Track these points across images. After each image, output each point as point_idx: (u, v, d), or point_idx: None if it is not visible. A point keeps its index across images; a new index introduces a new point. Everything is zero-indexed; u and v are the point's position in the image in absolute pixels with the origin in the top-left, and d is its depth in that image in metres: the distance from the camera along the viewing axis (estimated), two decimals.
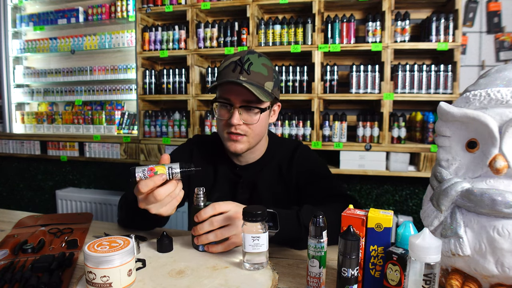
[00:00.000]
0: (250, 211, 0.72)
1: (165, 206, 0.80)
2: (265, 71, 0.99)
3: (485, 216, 0.56)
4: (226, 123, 1.00)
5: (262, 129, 1.05)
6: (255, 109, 0.99)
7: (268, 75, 1.00)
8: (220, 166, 1.13)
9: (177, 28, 2.28)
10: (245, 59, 0.97)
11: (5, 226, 1.10)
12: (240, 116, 0.98)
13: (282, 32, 2.12)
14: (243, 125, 0.99)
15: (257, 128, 1.02)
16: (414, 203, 2.27)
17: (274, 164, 1.14)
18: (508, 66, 0.63)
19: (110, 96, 2.69)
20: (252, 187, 1.12)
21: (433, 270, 0.54)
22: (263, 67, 0.99)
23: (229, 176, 1.13)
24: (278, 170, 1.14)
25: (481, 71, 2.16)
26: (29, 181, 3.02)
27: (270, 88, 1.00)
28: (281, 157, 1.15)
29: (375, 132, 2.02)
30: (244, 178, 1.12)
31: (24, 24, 2.85)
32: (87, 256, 0.63)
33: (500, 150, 0.57)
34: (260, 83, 0.97)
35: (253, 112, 0.99)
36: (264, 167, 1.13)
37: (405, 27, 1.98)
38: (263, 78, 0.98)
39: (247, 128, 1.00)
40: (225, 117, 1.00)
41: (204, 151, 1.16)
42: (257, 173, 1.12)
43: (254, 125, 1.00)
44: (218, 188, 1.12)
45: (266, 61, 1.02)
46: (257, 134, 1.03)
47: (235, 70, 0.97)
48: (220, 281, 0.70)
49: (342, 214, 0.67)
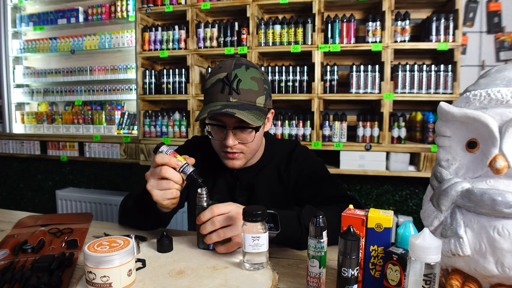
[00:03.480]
0: (250, 211, 0.72)
1: (160, 190, 0.84)
2: (255, 86, 0.94)
3: (485, 216, 0.56)
4: (221, 143, 0.98)
5: (258, 143, 1.04)
6: (249, 129, 0.96)
7: (259, 90, 0.95)
8: (218, 168, 1.13)
9: (177, 28, 2.28)
10: (232, 76, 0.92)
11: (5, 226, 1.10)
12: (235, 136, 0.96)
13: (282, 32, 2.12)
14: (238, 144, 0.97)
15: (253, 145, 1.00)
16: (414, 203, 2.27)
17: (272, 166, 1.13)
18: (508, 66, 0.63)
19: (110, 96, 2.68)
20: (250, 189, 1.12)
21: (433, 270, 0.54)
22: (252, 82, 0.94)
23: (227, 179, 1.13)
24: (277, 171, 1.13)
25: (481, 71, 2.16)
26: (29, 181, 3.02)
27: (263, 103, 0.96)
28: (279, 158, 1.14)
29: (375, 132, 2.02)
30: (242, 181, 1.11)
31: (24, 24, 2.85)
32: (87, 256, 0.63)
33: (500, 150, 0.57)
34: (251, 101, 0.93)
35: (247, 131, 0.97)
36: (261, 169, 1.12)
37: (405, 27, 1.98)
38: (254, 95, 0.94)
39: (243, 146, 0.99)
40: (220, 137, 0.98)
41: (203, 153, 1.15)
42: (254, 175, 1.12)
43: (250, 143, 0.99)
44: (217, 190, 1.13)
45: (255, 73, 0.96)
46: (254, 149, 1.03)
47: (224, 91, 0.92)
48: (220, 281, 0.70)
49: (342, 214, 0.67)
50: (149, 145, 2.35)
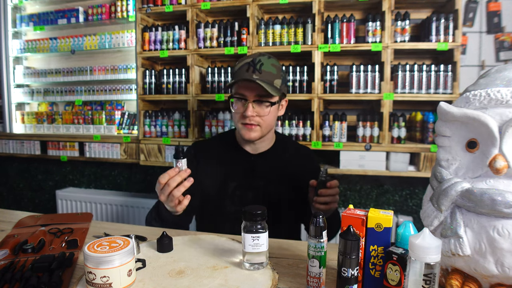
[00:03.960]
0: (250, 211, 0.72)
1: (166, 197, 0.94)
2: (274, 70, 1.15)
3: (485, 216, 0.56)
4: (241, 115, 1.16)
5: (272, 120, 1.21)
6: (266, 102, 1.14)
7: (277, 74, 1.16)
8: (235, 158, 1.27)
9: (177, 28, 2.28)
10: (257, 60, 1.14)
11: (5, 226, 1.10)
12: (253, 109, 1.14)
13: (282, 32, 2.12)
14: (256, 116, 1.15)
15: (268, 119, 1.17)
16: (414, 203, 2.27)
17: (284, 153, 1.31)
18: (508, 66, 0.63)
19: (110, 96, 2.68)
20: (266, 173, 1.25)
21: (433, 270, 0.54)
22: (272, 67, 1.15)
23: (244, 166, 1.26)
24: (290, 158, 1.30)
25: (481, 71, 2.15)
26: (29, 181, 3.02)
27: (279, 85, 1.16)
28: (289, 148, 1.34)
29: (375, 132, 2.02)
30: (259, 166, 1.26)
31: (24, 24, 2.85)
32: (87, 256, 0.63)
33: (500, 150, 0.57)
34: (270, 80, 1.13)
35: (264, 105, 1.15)
36: (275, 154, 1.29)
37: (405, 27, 1.98)
38: (272, 76, 1.14)
39: (260, 119, 1.16)
40: (241, 110, 1.17)
41: (212, 153, 1.30)
42: (270, 159, 1.27)
43: (265, 117, 1.16)
44: (235, 178, 1.24)
45: (275, 62, 1.18)
46: (269, 124, 1.19)
47: (249, 70, 1.13)
48: (220, 281, 0.70)
49: (342, 214, 0.67)
50: (149, 145, 2.35)
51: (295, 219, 1.34)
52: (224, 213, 1.25)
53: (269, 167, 1.26)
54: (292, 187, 1.25)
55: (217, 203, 1.25)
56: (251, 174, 1.25)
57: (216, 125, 2.23)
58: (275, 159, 1.28)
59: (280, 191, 1.25)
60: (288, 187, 1.25)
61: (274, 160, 1.27)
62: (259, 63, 1.13)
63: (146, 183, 2.71)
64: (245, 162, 1.26)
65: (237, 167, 1.26)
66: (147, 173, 2.69)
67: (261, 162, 1.26)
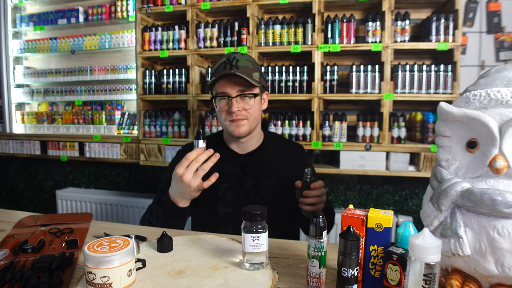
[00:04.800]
0: (250, 211, 0.72)
1: (191, 171, 1.01)
2: (250, 64, 1.17)
3: (485, 216, 0.56)
4: (227, 112, 1.17)
5: (258, 113, 1.23)
6: (248, 95, 1.16)
7: (253, 67, 1.18)
8: (225, 159, 1.24)
9: (177, 28, 2.28)
10: (232, 57, 1.16)
11: (5, 226, 1.10)
12: (238, 104, 1.16)
13: (282, 32, 2.12)
14: (242, 110, 1.16)
15: (254, 111, 1.19)
16: (414, 203, 2.27)
17: (274, 151, 1.31)
18: (508, 66, 0.63)
19: (110, 96, 2.68)
20: (256, 173, 1.25)
21: (433, 270, 0.54)
22: (248, 62, 1.17)
23: (234, 167, 1.26)
24: (279, 156, 1.30)
25: (481, 71, 2.15)
26: (29, 181, 3.02)
27: (257, 78, 1.17)
28: (278, 146, 1.34)
29: (375, 132, 2.02)
30: (248, 166, 1.26)
31: (24, 24, 2.85)
32: (87, 256, 0.63)
33: (500, 150, 0.57)
34: (248, 74, 1.14)
35: (247, 98, 1.17)
36: (265, 152, 1.29)
37: (405, 27, 1.98)
38: (249, 70, 1.16)
39: (246, 112, 1.17)
40: (225, 108, 1.18)
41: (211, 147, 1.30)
42: (259, 158, 1.27)
43: (251, 109, 1.18)
44: (225, 179, 1.22)
45: (250, 58, 1.21)
46: (255, 117, 1.21)
47: (226, 68, 1.14)
48: (220, 281, 0.70)
49: (342, 214, 0.67)
50: (149, 145, 2.35)
51: (289, 217, 1.32)
52: (217, 215, 1.24)
53: (258, 167, 1.26)
54: (282, 185, 1.25)
55: (209, 205, 1.24)
56: (241, 174, 1.25)
57: (216, 125, 2.23)
58: (264, 158, 1.28)
59: (271, 190, 1.24)
60: (278, 185, 1.25)
61: (263, 159, 1.27)
62: (235, 59, 1.15)
63: (146, 183, 2.71)
64: (234, 162, 1.26)
65: (227, 169, 1.24)
66: (147, 173, 2.70)
67: (250, 162, 1.26)
